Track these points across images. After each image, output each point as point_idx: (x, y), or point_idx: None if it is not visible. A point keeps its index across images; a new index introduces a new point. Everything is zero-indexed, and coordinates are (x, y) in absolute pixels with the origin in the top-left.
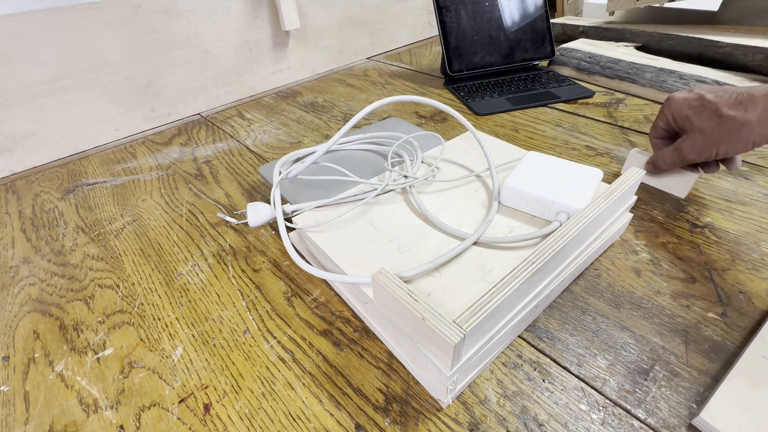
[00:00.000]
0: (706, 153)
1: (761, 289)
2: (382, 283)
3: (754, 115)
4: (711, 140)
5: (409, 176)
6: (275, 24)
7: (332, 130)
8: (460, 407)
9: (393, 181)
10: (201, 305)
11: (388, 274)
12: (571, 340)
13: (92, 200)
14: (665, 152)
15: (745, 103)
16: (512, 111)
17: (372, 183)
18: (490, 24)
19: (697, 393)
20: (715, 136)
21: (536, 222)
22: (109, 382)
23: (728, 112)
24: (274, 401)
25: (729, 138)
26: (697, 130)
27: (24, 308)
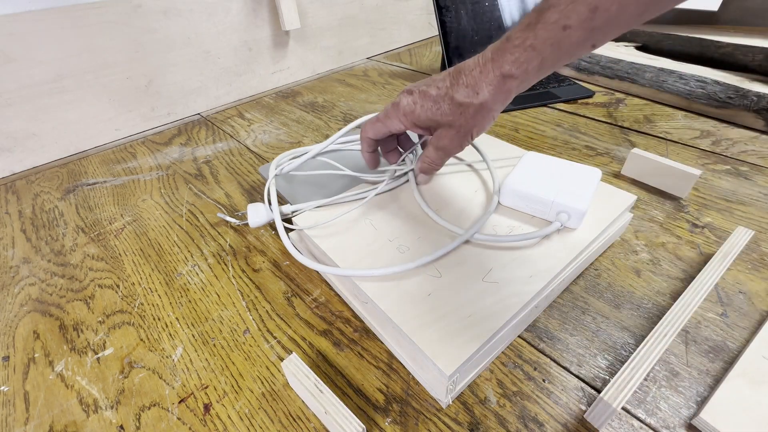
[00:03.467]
0: (464, 143)
1: (761, 289)
2: (292, 371)
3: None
4: (464, 130)
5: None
6: (275, 24)
7: (332, 130)
8: (460, 407)
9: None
10: (201, 305)
11: (298, 362)
12: (571, 340)
13: (92, 200)
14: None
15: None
16: (512, 111)
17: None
18: (491, 24)
19: (697, 393)
20: (465, 125)
21: (536, 222)
22: (109, 382)
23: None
24: (274, 401)
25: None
26: (446, 126)
27: (24, 308)
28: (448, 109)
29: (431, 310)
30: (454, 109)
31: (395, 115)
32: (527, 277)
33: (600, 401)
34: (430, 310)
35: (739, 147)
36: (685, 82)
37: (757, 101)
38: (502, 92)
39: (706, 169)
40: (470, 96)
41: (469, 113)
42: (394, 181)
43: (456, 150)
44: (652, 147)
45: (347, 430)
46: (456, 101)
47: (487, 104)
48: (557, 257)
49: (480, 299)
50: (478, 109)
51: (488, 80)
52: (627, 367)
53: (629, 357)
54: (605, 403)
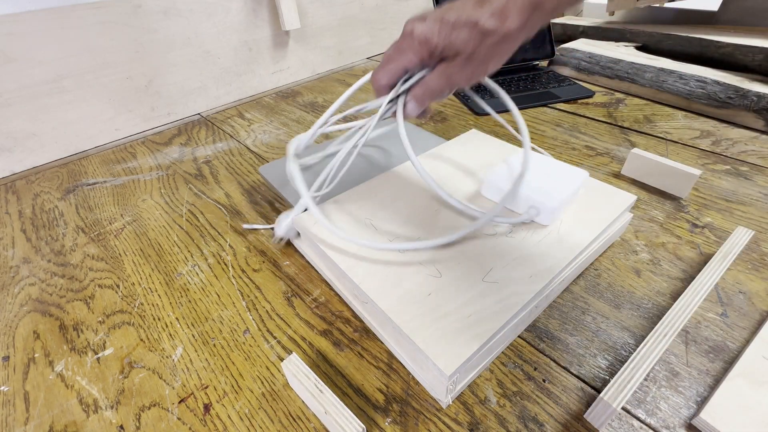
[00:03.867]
0: (474, 76)
1: (761, 289)
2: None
3: (514, 21)
4: (481, 61)
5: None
6: (275, 24)
7: None
8: (460, 407)
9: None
10: (201, 305)
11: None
12: (571, 340)
13: (92, 200)
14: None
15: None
16: None
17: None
18: None
19: (697, 393)
20: (484, 55)
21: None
22: (109, 382)
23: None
24: (274, 401)
25: (498, 52)
26: (465, 56)
27: (24, 308)
28: (469, 36)
29: (431, 310)
30: (476, 36)
31: (409, 46)
32: (527, 277)
33: (600, 401)
34: (430, 310)
35: (739, 147)
36: (685, 82)
37: (757, 101)
38: (530, 22)
39: (706, 169)
40: (496, 22)
41: (491, 42)
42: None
43: (462, 82)
44: (652, 147)
45: (347, 430)
46: (480, 27)
47: (512, 34)
48: (557, 257)
49: (480, 299)
50: (503, 39)
51: (518, 6)
52: (627, 367)
53: (629, 357)
54: (605, 403)
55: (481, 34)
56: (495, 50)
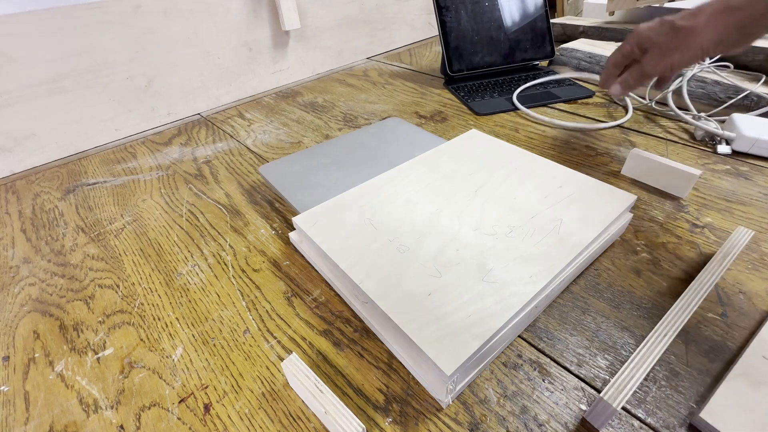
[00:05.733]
0: (662, 65)
1: (761, 289)
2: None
3: (701, 20)
4: (666, 51)
5: None
6: (275, 24)
7: (332, 129)
8: (460, 407)
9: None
10: (201, 305)
11: (298, 362)
12: (571, 340)
13: (92, 200)
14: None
15: (695, 13)
16: (511, 111)
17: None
18: (490, 24)
19: (697, 393)
20: (669, 46)
21: (536, 221)
22: (109, 382)
23: (680, 22)
24: (274, 401)
25: (680, 46)
26: (655, 46)
27: (24, 308)
28: (664, 30)
29: (431, 310)
30: (669, 31)
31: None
32: (527, 277)
33: (600, 401)
34: (430, 310)
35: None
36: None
37: (757, 101)
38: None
39: (706, 169)
40: (687, 20)
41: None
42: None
43: (652, 70)
44: (652, 147)
45: (347, 430)
46: (674, 25)
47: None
48: (557, 257)
49: (480, 299)
50: (689, 33)
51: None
52: (627, 367)
53: (629, 357)
54: (605, 403)
55: (672, 29)
56: (681, 43)
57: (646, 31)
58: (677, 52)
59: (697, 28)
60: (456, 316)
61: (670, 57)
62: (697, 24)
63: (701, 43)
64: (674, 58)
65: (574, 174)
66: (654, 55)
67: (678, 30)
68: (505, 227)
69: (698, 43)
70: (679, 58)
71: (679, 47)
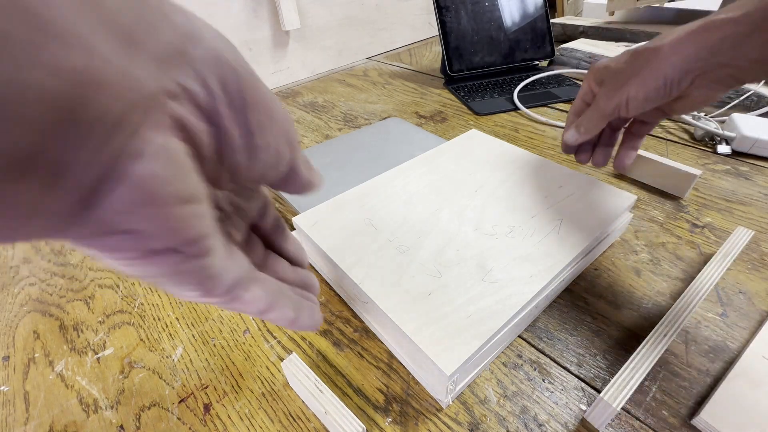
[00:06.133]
0: (615, 98)
1: (761, 289)
2: (291, 371)
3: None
4: (623, 80)
5: None
6: (275, 24)
7: (332, 129)
8: (460, 407)
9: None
10: (201, 305)
11: (298, 362)
12: (571, 340)
13: None
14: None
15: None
16: (511, 111)
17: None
18: (490, 24)
19: (697, 393)
20: (626, 74)
21: (536, 221)
22: (109, 382)
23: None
24: (274, 401)
25: (640, 73)
26: (611, 76)
27: (24, 308)
28: (623, 58)
29: (431, 310)
30: (628, 57)
31: (586, 74)
32: (527, 277)
33: (600, 401)
34: (430, 310)
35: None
36: None
37: (757, 101)
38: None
39: (706, 169)
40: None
41: (639, 61)
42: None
43: (603, 104)
44: (652, 147)
45: (347, 430)
46: (636, 50)
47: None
48: (557, 257)
49: (480, 299)
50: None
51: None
52: (627, 367)
53: (629, 357)
54: (605, 403)
55: (632, 54)
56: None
57: (605, 61)
58: (635, 80)
59: (661, 50)
60: (456, 316)
61: (626, 86)
62: (663, 45)
63: (664, 70)
64: (630, 89)
65: (574, 174)
66: (608, 87)
67: (638, 54)
68: (505, 227)
69: (661, 69)
70: (636, 90)
71: (638, 75)
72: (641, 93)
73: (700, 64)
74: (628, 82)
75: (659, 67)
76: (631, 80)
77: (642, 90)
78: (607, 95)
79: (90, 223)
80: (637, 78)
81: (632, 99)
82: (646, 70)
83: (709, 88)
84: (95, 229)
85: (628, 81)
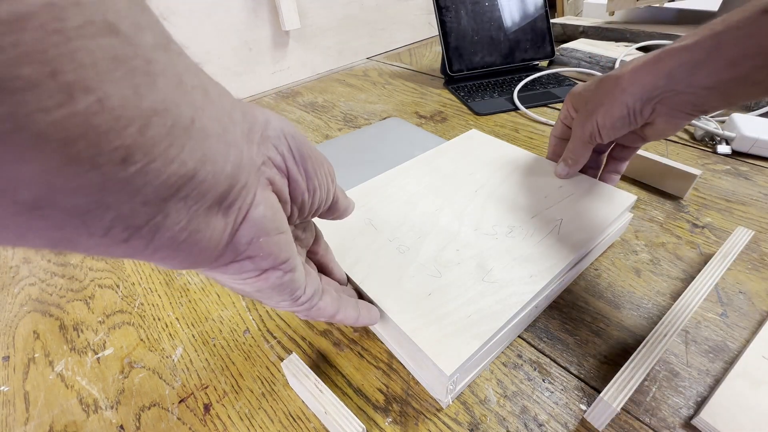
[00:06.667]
0: (587, 126)
1: (761, 289)
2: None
3: (625, 70)
4: (592, 107)
5: None
6: (275, 24)
7: (332, 130)
8: (460, 407)
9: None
10: (201, 305)
11: (298, 362)
12: (571, 340)
13: None
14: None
15: (623, 65)
16: (511, 111)
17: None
18: (490, 24)
19: (697, 393)
20: (594, 101)
21: (536, 221)
22: (109, 382)
23: (608, 74)
24: (274, 401)
25: (604, 100)
26: (583, 104)
27: (24, 308)
28: (593, 85)
29: (431, 310)
30: (595, 85)
31: (565, 100)
32: (527, 277)
33: (600, 401)
34: (430, 310)
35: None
36: None
37: (757, 101)
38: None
39: (706, 169)
40: (612, 73)
41: (604, 88)
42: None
43: (579, 133)
44: (652, 147)
45: (347, 430)
46: (600, 79)
47: (623, 79)
48: (557, 257)
49: (480, 299)
50: (614, 84)
51: (637, 60)
52: (627, 367)
53: (629, 357)
54: (605, 403)
55: (598, 82)
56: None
57: (579, 87)
58: (601, 109)
59: (621, 79)
60: (456, 316)
61: (595, 113)
62: (623, 74)
63: (625, 99)
64: (598, 117)
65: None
66: (580, 115)
67: (603, 83)
68: (505, 227)
69: (622, 99)
70: (602, 118)
71: (604, 103)
72: (608, 121)
73: (657, 92)
74: (596, 111)
75: (620, 97)
76: (598, 109)
77: (608, 119)
78: (581, 123)
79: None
80: (603, 107)
81: (601, 127)
82: (609, 99)
83: (671, 115)
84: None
85: (596, 109)
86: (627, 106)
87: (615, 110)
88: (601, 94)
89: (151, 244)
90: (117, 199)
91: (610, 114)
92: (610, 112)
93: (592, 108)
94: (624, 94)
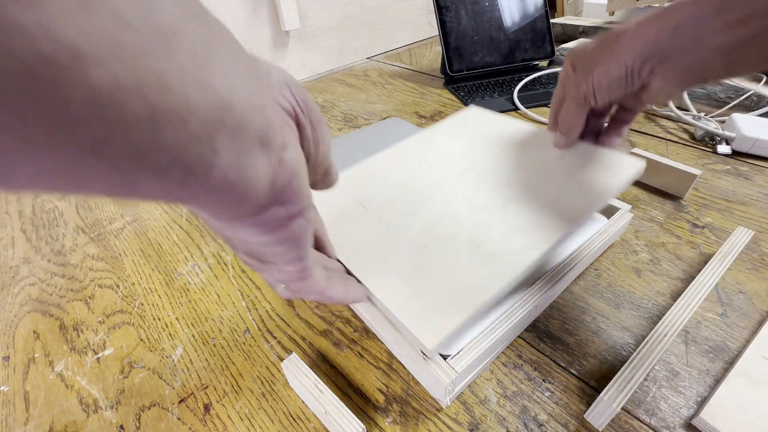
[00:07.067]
0: (583, 85)
1: (761, 289)
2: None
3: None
4: (589, 66)
5: None
6: (275, 24)
7: (332, 129)
8: (460, 407)
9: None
10: (201, 305)
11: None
12: (571, 340)
13: (92, 200)
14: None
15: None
16: (511, 111)
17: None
18: (490, 24)
19: (697, 393)
20: (593, 59)
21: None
22: (109, 382)
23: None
24: (274, 401)
25: (603, 58)
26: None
27: (24, 308)
28: (593, 43)
29: (416, 284)
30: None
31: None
32: (521, 249)
33: (600, 401)
34: (415, 284)
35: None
36: None
37: (757, 101)
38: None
39: (706, 169)
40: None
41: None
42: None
43: (573, 94)
44: (652, 147)
45: (347, 430)
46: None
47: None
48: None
49: (470, 273)
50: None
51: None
52: (627, 367)
53: (629, 357)
54: (605, 403)
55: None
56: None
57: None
58: (599, 69)
59: (625, 34)
60: (443, 290)
61: (590, 76)
62: (627, 29)
63: (625, 57)
64: (594, 78)
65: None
66: (577, 75)
67: (605, 40)
68: (500, 200)
69: (622, 57)
70: (598, 79)
71: (602, 60)
72: (604, 82)
73: (660, 48)
74: (593, 70)
75: (621, 55)
76: (596, 68)
77: (605, 79)
78: (576, 84)
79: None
80: (600, 66)
81: (597, 87)
82: (609, 58)
83: (665, 78)
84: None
85: (593, 68)
86: (626, 65)
87: (612, 69)
88: (601, 51)
89: (205, 183)
90: (167, 137)
91: (607, 74)
92: (608, 72)
93: (590, 66)
94: (624, 51)
